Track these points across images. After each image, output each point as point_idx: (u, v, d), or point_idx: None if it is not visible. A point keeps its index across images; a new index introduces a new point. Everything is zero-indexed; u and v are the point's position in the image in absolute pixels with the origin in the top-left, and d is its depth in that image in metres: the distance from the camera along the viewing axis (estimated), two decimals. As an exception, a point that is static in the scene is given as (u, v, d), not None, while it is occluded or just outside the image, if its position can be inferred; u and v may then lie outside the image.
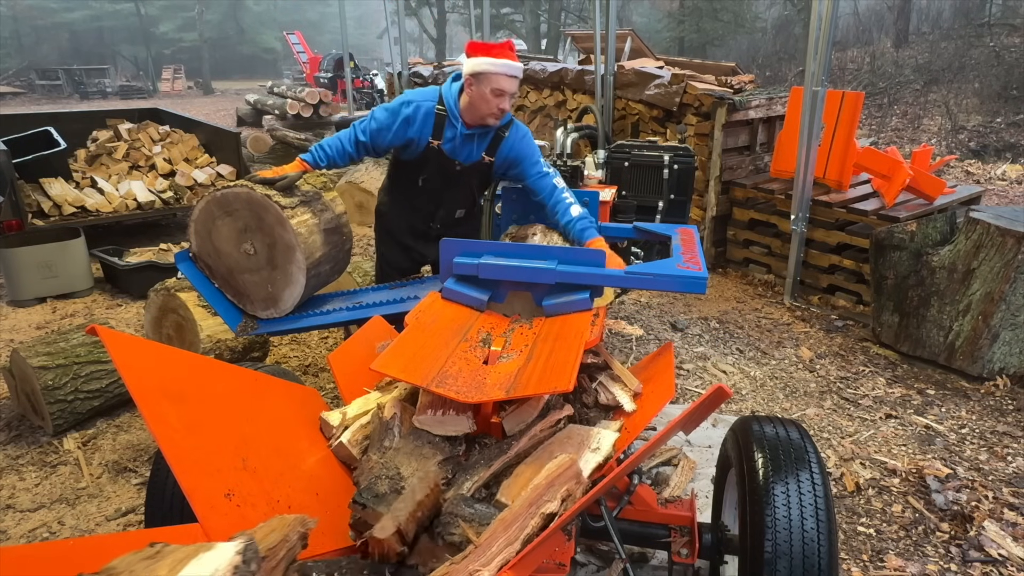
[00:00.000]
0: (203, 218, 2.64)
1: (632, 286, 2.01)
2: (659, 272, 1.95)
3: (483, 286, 2.04)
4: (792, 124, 4.81)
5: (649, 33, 20.98)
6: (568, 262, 1.99)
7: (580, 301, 1.94)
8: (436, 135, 2.74)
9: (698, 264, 2.01)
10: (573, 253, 2.03)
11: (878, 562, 2.38)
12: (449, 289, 2.04)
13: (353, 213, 6.65)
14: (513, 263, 1.98)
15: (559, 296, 1.97)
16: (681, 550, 1.82)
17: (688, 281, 1.92)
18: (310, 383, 3.66)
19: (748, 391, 3.61)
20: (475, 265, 2.00)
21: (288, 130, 11.17)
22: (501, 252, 2.06)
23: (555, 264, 1.96)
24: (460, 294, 2.02)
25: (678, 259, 2.08)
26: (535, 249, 2.06)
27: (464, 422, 1.64)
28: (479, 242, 2.07)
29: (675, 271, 1.95)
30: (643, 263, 2.23)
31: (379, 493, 1.43)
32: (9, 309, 4.78)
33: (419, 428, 1.66)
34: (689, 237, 2.41)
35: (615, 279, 1.97)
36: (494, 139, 2.80)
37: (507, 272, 1.98)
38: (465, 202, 3.00)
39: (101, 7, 30.34)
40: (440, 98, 2.74)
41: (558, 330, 1.89)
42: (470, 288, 2.03)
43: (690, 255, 2.12)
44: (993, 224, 3.46)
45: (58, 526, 2.58)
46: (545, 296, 1.99)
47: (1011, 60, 12.20)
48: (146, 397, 1.32)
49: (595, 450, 1.62)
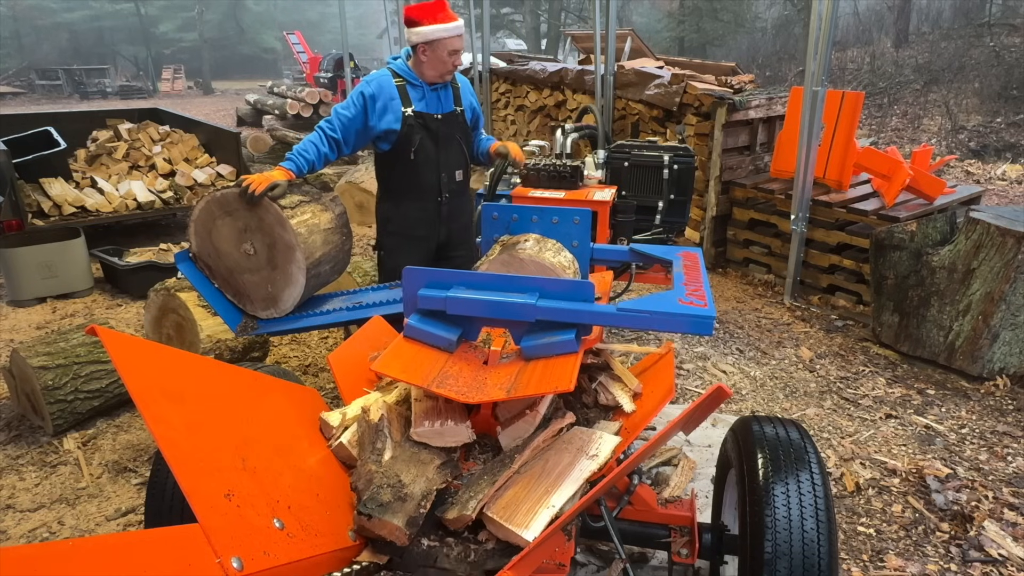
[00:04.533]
0: (203, 218, 2.64)
1: (626, 325, 1.77)
2: (658, 309, 1.71)
3: (452, 323, 1.79)
4: (792, 124, 4.80)
5: (649, 33, 20.98)
6: (551, 296, 1.74)
7: (564, 343, 1.70)
8: (406, 103, 2.95)
9: (703, 297, 1.79)
10: (558, 285, 1.77)
11: (878, 562, 2.38)
12: (413, 327, 1.77)
13: (353, 213, 6.64)
14: (487, 296, 1.73)
15: (540, 336, 1.73)
16: (681, 550, 1.82)
17: (692, 320, 1.68)
18: (310, 383, 3.66)
19: (748, 391, 3.61)
20: (442, 299, 1.75)
21: (288, 130, 11.17)
22: (473, 283, 1.80)
23: (535, 299, 1.71)
24: (425, 333, 1.76)
25: (680, 292, 1.84)
26: (513, 280, 1.79)
27: (463, 432, 1.61)
28: (448, 271, 1.82)
29: (676, 308, 1.72)
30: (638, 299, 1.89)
31: (383, 502, 1.43)
32: (9, 309, 4.78)
33: (417, 440, 1.63)
34: (693, 263, 2.14)
35: (606, 316, 1.74)
36: (453, 91, 3.10)
37: (479, 307, 1.74)
38: (460, 161, 3.15)
39: (101, 7, 30.31)
40: (393, 73, 2.99)
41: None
42: (437, 326, 1.78)
43: (694, 286, 1.89)
44: (993, 224, 3.46)
45: (58, 526, 2.58)
46: (524, 335, 1.76)
47: (1011, 60, 12.20)
48: (146, 397, 1.32)
49: (592, 457, 1.60)
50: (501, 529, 1.44)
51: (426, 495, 1.48)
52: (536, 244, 2.13)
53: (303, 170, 2.79)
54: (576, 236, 2.28)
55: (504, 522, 1.43)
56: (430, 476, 1.53)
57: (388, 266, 3.19)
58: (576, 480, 1.53)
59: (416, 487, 1.49)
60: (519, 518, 1.43)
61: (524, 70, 7.00)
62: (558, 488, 1.51)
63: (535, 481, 1.55)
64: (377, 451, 1.64)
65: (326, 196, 2.87)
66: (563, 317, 1.71)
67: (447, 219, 3.13)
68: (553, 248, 2.16)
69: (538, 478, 1.56)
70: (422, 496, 1.47)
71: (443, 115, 3.02)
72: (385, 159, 3.03)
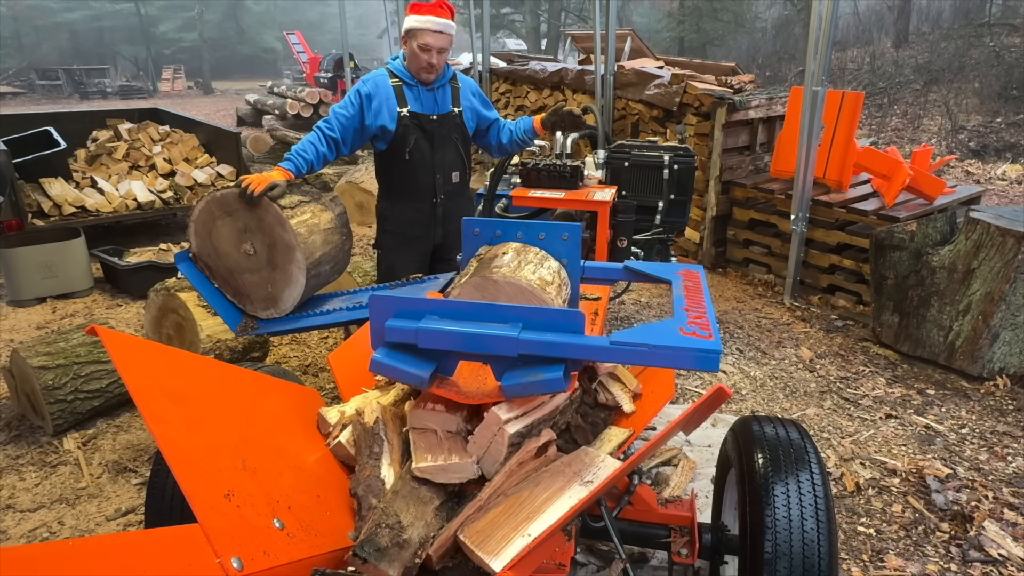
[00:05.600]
0: (203, 218, 2.64)
1: (621, 361, 1.60)
2: (657, 343, 1.49)
3: (425, 357, 1.60)
4: (792, 124, 4.80)
5: (649, 33, 20.99)
6: (536, 327, 1.54)
7: (550, 382, 1.51)
8: (401, 103, 2.94)
9: (707, 327, 1.58)
10: (543, 315, 1.57)
11: (878, 562, 2.38)
12: (379, 363, 1.57)
13: (353, 213, 6.64)
14: (463, 328, 1.54)
15: (524, 373, 1.54)
16: (681, 550, 1.82)
17: (696, 356, 1.47)
18: (310, 383, 3.66)
19: (748, 391, 3.61)
20: (413, 331, 1.55)
21: (288, 130, 11.17)
22: (448, 311, 1.61)
23: (518, 331, 1.52)
24: (393, 369, 1.57)
25: (680, 320, 1.62)
26: (494, 309, 1.59)
27: (468, 468, 1.53)
28: (420, 299, 1.63)
29: (678, 341, 1.50)
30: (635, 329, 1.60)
31: (381, 547, 1.37)
32: (9, 309, 4.78)
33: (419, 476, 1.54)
34: (694, 284, 1.93)
35: (597, 352, 1.53)
36: (452, 92, 3.07)
37: (455, 340, 1.54)
38: (457, 163, 3.12)
39: (101, 7, 30.33)
40: (390, 73, 2.96)
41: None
42: (407, 361, 1.58)
43: (696, 312, 1.67)
44: (993, 224, 3.46)
45: (58, 526, 2.58)
46: (507, 370, 1.57)
47: (1011, 60, 12.21)
48: (146, 397, 1.32)
49: (587, 483, 1.54)
50: (473, 555, 1.39)
51: (423, 542, 1.43)
52: (515, 257, 1.89)
53: (302, 170, 2.80)
54: (565, 254, 2.04)
55: (475, 547, 1.38)
56: (428, 520, 1.47)
57: (385, 265, 3.20)
58: (561, 508, 1.45)
59: (415, 531, 1.43)
60: (491, 544, 1.38)
61: (524, 70, 7.01)
62: (539, 516, 1.44)
63: (518, 506, 1.48)
64: (375, 455, 1.63)
65: (326, 196, 2.87)
66: (549, 351, 1.52)
67: (443, 220, 3.14)
68: (535, 260, 1.91)
69: (523, 503, 1.49)
70: (419, 543, 1.42)
71: (439, 116, 3.01)
72: (382, 159, 3.05)
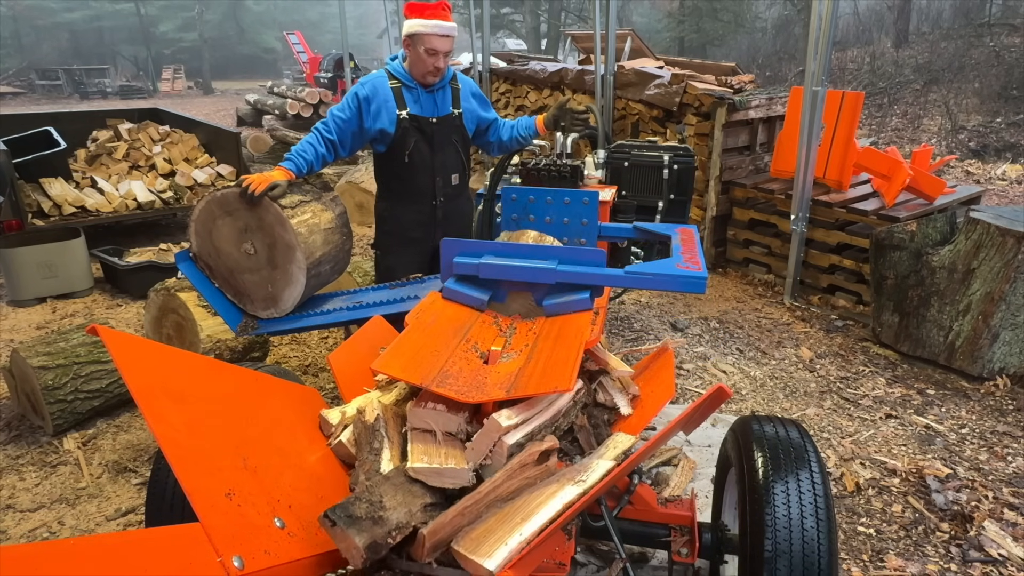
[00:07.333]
0: (203, 218, 2.64)
1: (631, 286, 2.04)
2: (658, 272, 1.97)
3: (483, 286, 2.05)
4: (792, 124, 4.81)
5: (649, 33, 20.98)
6: (568, 262, 2.01)
7: (581, 301, 1.96)
8: (400, 106, 2.92)
9: (698, 264, 2.03)
10: (573, 253, 2.04)
11: (878, 562, 2.38)
12: (450, 289, 2.05)
13: (353, 213, 6.64)
14: (514, 263, 1.99)
15: (559, 296, 1.99)
16: (681, 550, 1.82)
17: (687, 281, 1.93)
18: (310, 383, 3.66)
19: (748, 391, 3.61)
20: (476, 265, 2.01)
21: (288, 130, 11.16)
22: (501, 252, 2.07)
23: (555, 264, 1.98)
24: (461, 294, 2.04)
25: (678, 259, 2.09)
26: (536, 249, 2.08)
27: (463, 475, 1.53)
28: (479, 242, 2.09)
29: (674, 271, 1.97)
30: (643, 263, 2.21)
31: (352, 515, 1.34)
32: (9, 309, 4.78)
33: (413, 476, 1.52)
34: (689, 237, 2.42)
35: (615, 279, 1.99)
36: (452, 93, 3.04)
37: (507, 272, 1.99)
38: (456, 165, 3.11)
39: (101, 7, 30.32)
40: (389, 75, 2.94)
41: (558, 330, 1.89)
42: (471, 288, 2.05)
43: (690, 255, 2.14)
44: (993, 224, 3.46)
45: (58, 526, 2.59)
46: (546, 296, 2.01)
47: (1011, 60, 12.20)
48: (147, 397, 1.32)
49: (578, 482, 1.53)
50: (468, 562, 1.36)
51: (400, 527, 1.38)
52: (536, 241, 2.31)
53: (302, 170, 2.79)
54: (586, 215, 2.64)
55: (469, 554, 1.36)
56: (413, 511, 1.43)
57: (383, 265, 3.20)
58: (552, 508, 1.46)
59: (395, 514, 1.39)
60: (484, 548, 1.36)
61: (524, 70, 7.00)
62: (533, 517, 1.44)
63: (513, 512, 1.47)
64: (375, 451, 1.63)
65: (326, 196, 2.87)
66: (579, 279, 1.96)
67: (443, 222, 3.13)
68: (551, 242, 2.34)
69: (517, 509, 1.48)
70: (396, 526, 1.37)
71: (438, 118, 2.99)
72: (381, 160, 3.04)
